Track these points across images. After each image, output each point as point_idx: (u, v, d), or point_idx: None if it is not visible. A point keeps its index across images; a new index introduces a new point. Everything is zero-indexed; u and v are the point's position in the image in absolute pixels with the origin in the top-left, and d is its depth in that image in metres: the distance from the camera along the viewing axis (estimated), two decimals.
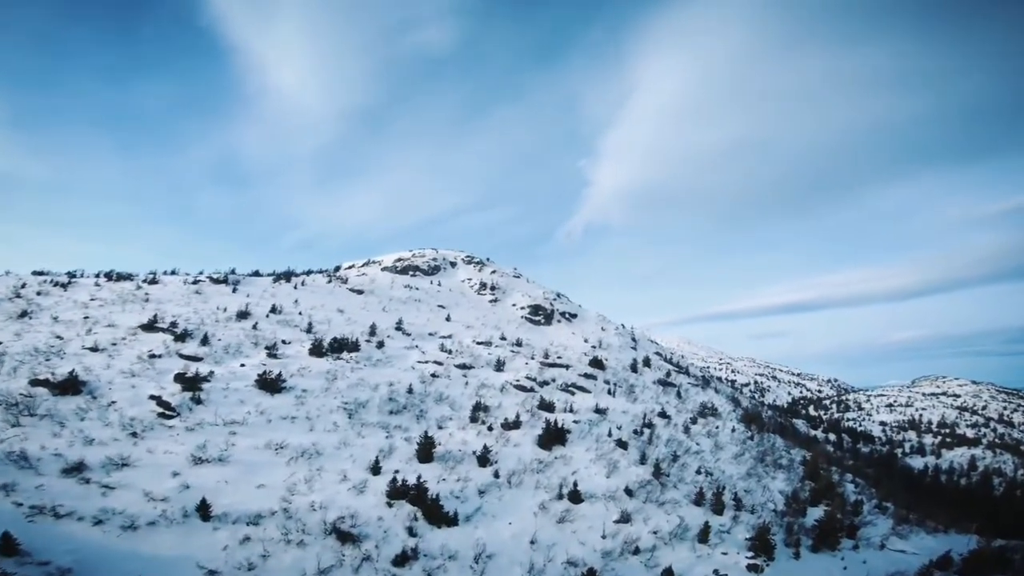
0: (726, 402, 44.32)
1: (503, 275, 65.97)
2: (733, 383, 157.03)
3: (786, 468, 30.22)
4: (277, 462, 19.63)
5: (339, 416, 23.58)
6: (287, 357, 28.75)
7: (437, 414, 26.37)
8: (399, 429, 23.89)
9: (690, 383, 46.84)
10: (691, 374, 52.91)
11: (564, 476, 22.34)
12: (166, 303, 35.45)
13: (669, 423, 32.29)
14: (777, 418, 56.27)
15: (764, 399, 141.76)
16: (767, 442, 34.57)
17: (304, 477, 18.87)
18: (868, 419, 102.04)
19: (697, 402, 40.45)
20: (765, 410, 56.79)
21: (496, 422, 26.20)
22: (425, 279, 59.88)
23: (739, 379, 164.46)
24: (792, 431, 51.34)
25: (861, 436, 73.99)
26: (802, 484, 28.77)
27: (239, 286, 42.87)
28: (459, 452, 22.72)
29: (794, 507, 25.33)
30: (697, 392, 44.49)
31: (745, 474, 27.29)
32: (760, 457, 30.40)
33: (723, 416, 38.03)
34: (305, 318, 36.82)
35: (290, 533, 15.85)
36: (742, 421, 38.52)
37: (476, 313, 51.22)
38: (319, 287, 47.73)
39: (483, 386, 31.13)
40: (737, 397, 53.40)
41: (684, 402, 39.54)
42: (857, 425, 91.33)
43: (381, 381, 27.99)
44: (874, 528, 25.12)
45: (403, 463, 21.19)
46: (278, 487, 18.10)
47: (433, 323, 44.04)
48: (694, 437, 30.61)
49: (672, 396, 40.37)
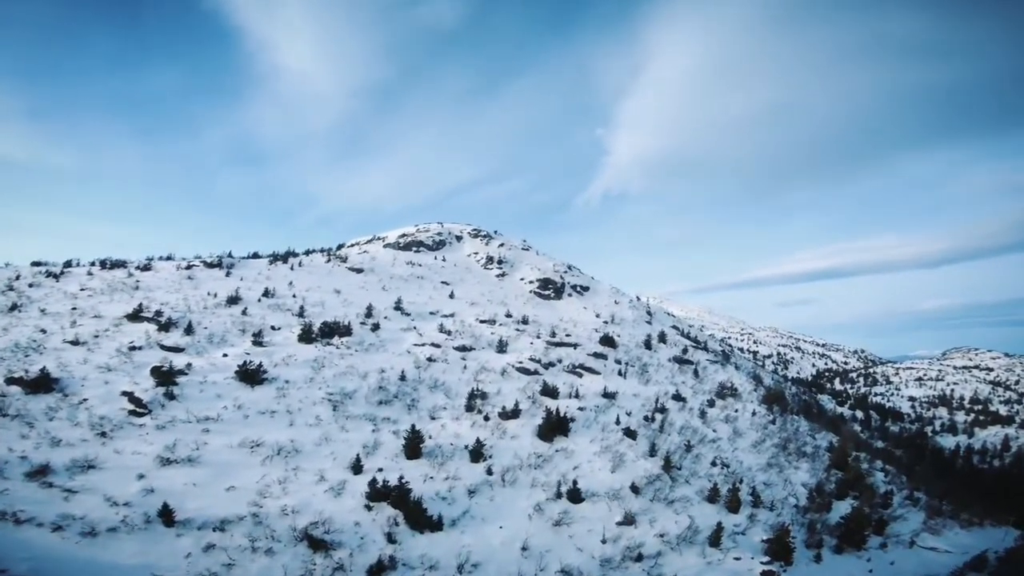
0: (747, 380, 41.87)
1: (511, 248, 63.56)
2: (755, 355, 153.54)
3: (810, 456, 27.95)
4: (251, 462, 18.27)
5: (323, 409, 22.09)
6: (274, 345, 27.33)
7: (430, 403, 24.73)
8: (387, 422, 22.33)
9: (708, 360, 44.41)
10: (710, 349, 50.38)
11: (564, 472, 20.56)
12: (156, 290, 34.32)
13: (684, 407, 30.18)
14: (801, 395, 53.66)
15: (787, 371, 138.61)
16: (790, 426, 32.24)
17: (278, 478, 17.47)
18: (897, 394, 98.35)
19: (715, 381, 38.13)
20: (788, 387, 54.13)
21: (494, 411, 24.46)
22: (429, 255, 57.89)
23: (761, 350, 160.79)
24: (818, 410, 48.81)
25: (890, 413, 70.69)
26: (828, 474, 26.55)
27: (233, 269, 41.60)
28: (450, 446, 21.09)
29: (818, 502, 23.20)
30: (716, 370, 42.10)
31: (765, 465, 25.15)
32: (782, 444, 28.16)
33: (743, 397, 35.70)
34: (298, 301, 35.36)
35: (258, 540, 14.56)
36: (764, 402, 36.15)
37: (482, 289, 49.23)
38: (317, 267, 46.21)
39: (483, 370, 29.36)
40: (759, 373, 50.75)
41: (701, 382, 37.27)
42: (885, 401, 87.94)
43: (372, 368, 26.41)
44: (904, 523, 22.92)
45: (388, 460, 19.66)
46: (249, 489, 16.76)
47: (435, 301, 42.26)
48: (710, 423, 28.46)
49: (688, 375, 38.13)
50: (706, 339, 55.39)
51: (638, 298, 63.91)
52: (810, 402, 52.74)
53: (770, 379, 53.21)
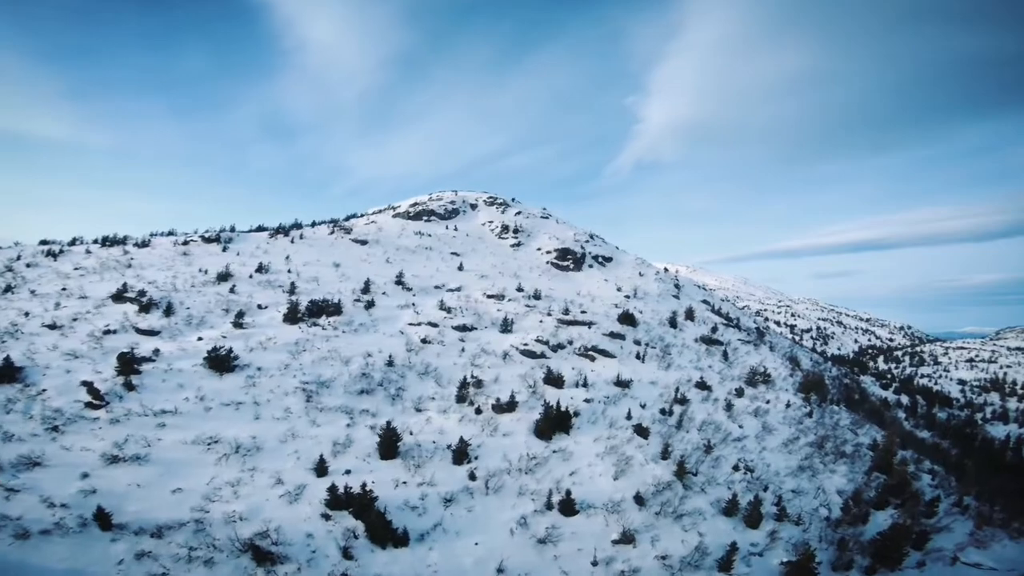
0: (782, 364, 37.96)
1: (529, 216, 60.01)
2: (792, 328, 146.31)
3: (850, 457, 24.39)
4: (204, 461, 16.44)
5: (294, 400, 20.05)
6: (255, 326, 25.45)
7: (418, 393, 22.41)
8: (365, 415, 20.14)
9: (740, 339, 40.55)
10: (742, 327, 46.25)
11: (559, 478, 17.96)
12: (148, 268, 33.00)
13: (708, 397, 26.93)
14: (843, 378, 49.01)
15: (827, 347, 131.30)
16: (829, 420, 28.56)
17: (231, 479, 15.58)
18: (945, 376, 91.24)
19: (747, 365, 34.48)
20: (828, 368, 49.55)
21: (488, 402, 21.94)
22: (440, 224, 55.12)
23: (799, 324, 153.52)
24: (861, 396, 44.35)
25: (938, 398, 64.72)
26: (868, 478, 23.01)
27: (231, 244, 40.05)
28: (432, 445, 18.76)
29: (854, 512, 19.87)
30: (748, 351, 38.32)
31: (796, 468, 21.86)
32: (819, 443, 24.66)
33: (777, 384, 32.05)
34: (292, 277, 33.46)
35: (197, 549, 12.81)
36: (800, 391, 32.42)
37: (494, 260, 46.35)
38: (319, 240, 44.22)
39: (482, 353, 26.79)
40: (796, 355, 46.41)
41: (730, 366, 33.72)
42: (933, 383, 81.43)
43: (357, 352, 24.21)
44: (949, 535, 19.41)
45: (359, 460, 17.51)
46: (197, 492, 14.95)
47: (442, 274, 39.73)
48: (737, 417, 25.18)
49: (716, 358, 34.60)
50: (738, 315, 51.11)
51: (665, 269, 59.75)
52: (852, 386, 48.12)
53: (808, 360, 48.84)
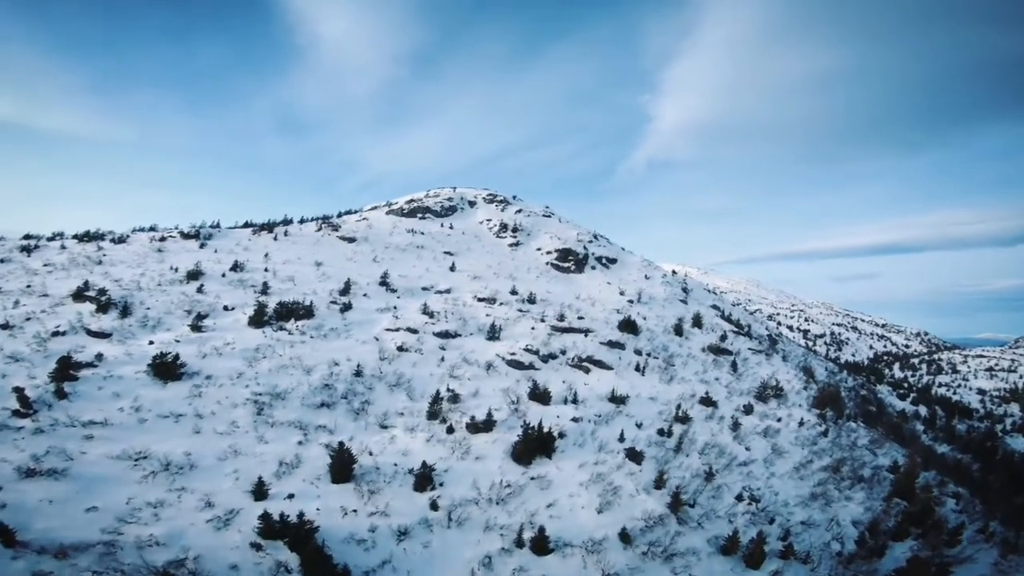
0: (795, 375, 35.25)
1: (530, 214, 57.64)
2: (805, 334, 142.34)
3: (868, 482, 21.73)
4: (129, 477, 14.37)
5: (243, 412, 17.97)
6: (215, 329, 23.46)
7: (385, 407, 20.20)
8: (322, 431, 17.99)
9: (751, 349, 37.85)
10: (754, 335, 43.47)
11: (535, 510, 15.64)
12: (118, 265, 31.25)
13: (713, 415, 24.43)
14: (859, 390, 45.97)
15: (840, 353, 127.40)
16: (846, 438, 25.91)
17: (154, 499, 13.50)
18: (964, 385, 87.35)
19: (757, 378, 31.89)
20: (844, 379, 46.50)
21: (462, 420, 19.69)
22: (435, 222, 52.98)
23: (813, 329, 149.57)
24: (878, 408, 41.41)
25: (957, 409, 61.16)
26: (887, 505, 20.38)
27: (210, 240, 38.29)
28: (392, 468, 16.55)
29: (869, 545, 17.32)
30: (759, 362, 35.67)
31: (808, 496, 19.30)
32: (834, 467, 22.05)
33: (789, 399, 29.44)
34: (268, 276, 31.55)
35: (102, 574, 10.80)
36: (815, 406, 29.79)
37: (490, 260, 44.09)
38: (304, 237, 42.32)
39: (463, 363, 24.54)
40: (811, 364, 43.53)
41: (740, 378, 31.13)
42: (952, 393, 77.70)
43: (322, 360, 22.11)
44: (972, 567, 16.80)
45: (307, 483, 15.36)
46: (113, 511, 12.86)
47: (432, 274, 37.58)
48: (744, 438, 22.66)
49: (725, 370, 32.00)
50: (749, 322, 48.27)
51: (673, 272, 57.03)
52: (868, 398, 45.13)
53: (823, 370, 45.81)
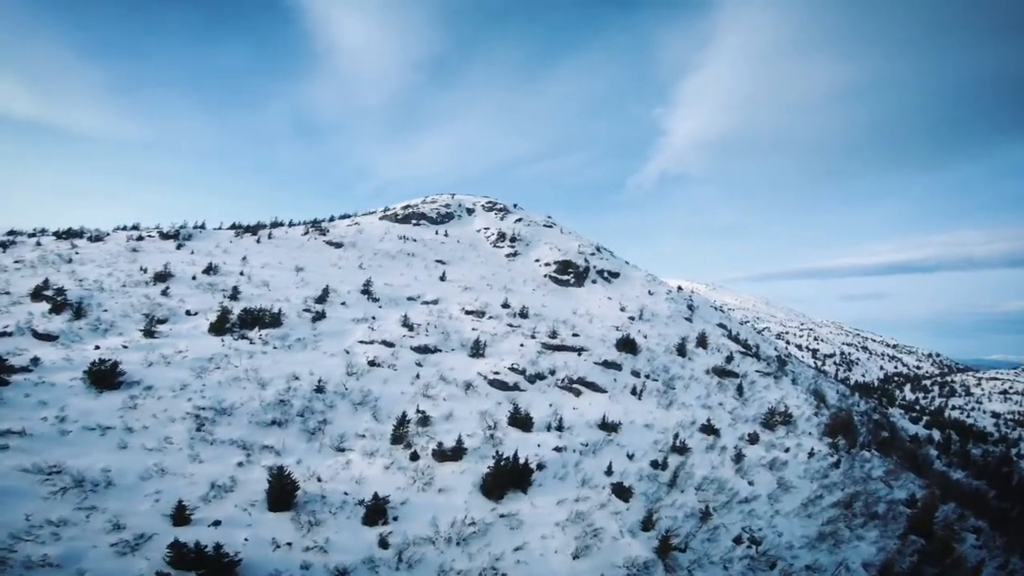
0: (805, 400, 32.64)
1: (530, 224, 55.47)
2: (815, 353, 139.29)
3: (883, 518, 19.09)
4: (36, 493, 12.05)
5: (180, 428, 15.64)
6: (171, 336, 21.24)
7: (345, 428, 17.83)
8: (268, 452, 15.63)
9: (759, 371, 35.28)
10: (762, 356, 40.88)
11: (499, 553, 13.15)
12: (88, 264, 29.28)
13: (714, 444, 21.92)
14: (871, 413, 43.17)
15: (850, 373, 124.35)
16: (859, 469, 23.30)
17: (59, 517, 11.18)
18: (978, 408, 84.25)
19: (765, 403, 29.33)
20: (856, 402, 43.67)
21: (429, 446, 17.29)
22: (430, 229, 50.91)
23: (822, 348, 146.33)
24: (891, 434, 38.56)
25: (971, 433, 58.17)
26: (903, 544, 17.78)
27: (189, 241, 36.41)
28: (342, 497, 14.15)
29: None
30: (767, 385, 33.08)
31: (815, 537, 16.69)
32: (846, 502, 19.43)
33: (799, 426, 26.87)
34: (242, 280, 29.42)
35: None
36: (826, 434, 27.22)
37: (484, 270, 41.83)
38: (289, 240, 40.30)
39: (441, 381, 22.17)
40: (821, 388, 40.86)
41: (745, 404, 28.59)
42: (965, 415, 74.73)
43: (282, 373, 19.80)
44: None
45: (240, 510, 12.97)
46: (10, 528, 10.63)
47: (420, 283, 35.35)
48: (747, 470, 20.10)
49: (729, 394, 29.47)
50: (758, 342, 45.64)
51: (679, 288, 54.51)
52: (882, 423, 42.34)
53: (834, 393, 42.99)
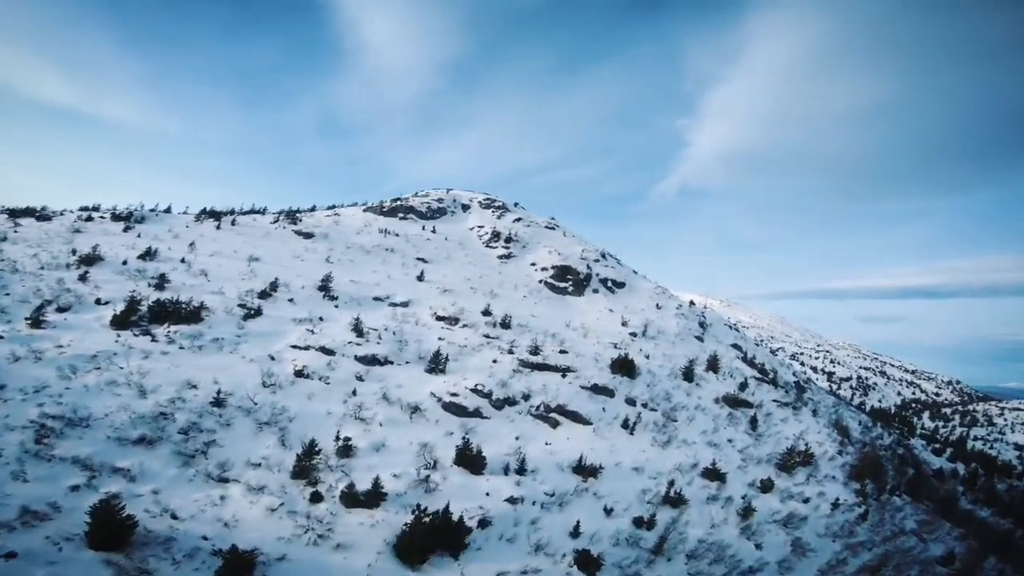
0: (828, 435, 27.97)
1: (530, 224, 51.40)
2: (830, 376, 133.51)
3: None
4: None
5: (15, 438, 11.44)
6: (62, 327, 17.39)
7: (237, 453, 13.80)
8: (119, 476, 11.63)
9: (775, 400, 30.60)
10: (780, 383, 36.08)
11: None
12: (19, 243, 25.92)
13: (718, 495, 17.54)
14: (896, 447, 38.00)
15: (866, 398, 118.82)
16: (890, 521, 18.85)
17: None
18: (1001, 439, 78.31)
19: (782, 439, 24.87)
20: (880, 435, 38.48)
21: (339, 486, 13.23)
22: (417, 224, 47.09)
23: (838, 371, 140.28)
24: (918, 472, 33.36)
25: (996, 467, 52.66)
26: None
27: (143, 224, 33.15)
28: (195, 542, 10.07)
29: None
30: (784, 418, 28.48)
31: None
32: (875, 567, 15.06)
33: (820, 468, 22.43)
34: (179, 268, 25.82)
35: None
36: (851, 477, 22.76)
37: (471, 272, 37.83)
38: (254, 228, 36.75)
39: (382, 401, 18.07)
40: (843, 419, 35.95)
41: (760, 440, 24.14)
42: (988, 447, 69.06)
43: (176, 379, 15.87)
44: None
45: (50, 543, 8.94)
46: None
47: (393, 283, 31.46)
48: (757, 530, 15.71)
49: (741, 428, 25.01)
50: (774, 367, 40.83)
51: (691, 303, 49.06)
52: (907, 457, 37.23)
53: (857, 424, 37.81)
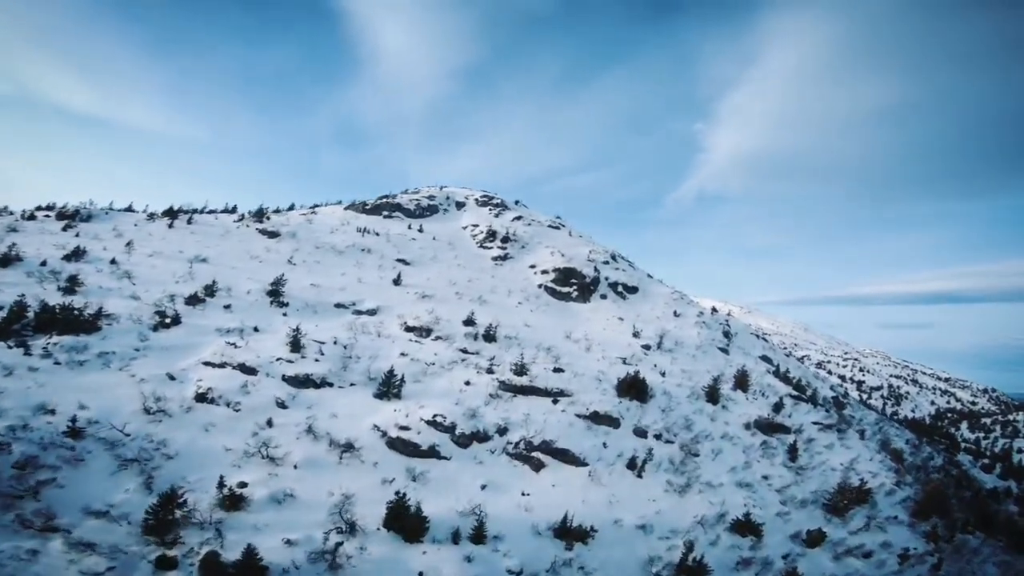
0: (880, 462, 22.96)
1: (531, 223, 46.94)
2: (860, 385, 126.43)
3: None
4: None
5: None
6: None
7: (77, 496, 9.61)
8: None
9: (817, 423, 25.65)
10: (819, 400, 30.89)
11: None
12: None
13: (754, 556, 12.91)
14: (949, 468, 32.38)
15: (898, 408, 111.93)
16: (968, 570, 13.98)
17: None
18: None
19: (828, 471, 20.08)
20: (930, 454, 32.85)
21: (203, 550, 8.94)
22: (403, 223, 42.88)
23: (868, 380, 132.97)
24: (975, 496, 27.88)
25: None
26: None
27: (88, 223, 29.90)
28: None
29: None
30: (829, 444, 23.57)
31: None
32: None
33: (878, 506, 17.64)
34: (103, 270, 22.01)
35: None
36: (915, 515, 17.86)
37: (459, 275, 33.51)
38: (212, 227, 32.89)
39: (306, 436, 13.81)
40: (889, 437, 30.65)
41: (802, 475, 19.37)
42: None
43: (30, 402, 11.69)
44: None
45: None
46: None
47: (363, 287, 27.26)
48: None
49: (778, 460, 20.26)
50: (810, 381, 35.58)
51: (714, 309, 42.84)
52: (961, 478, 31.64)
53: (904, 443, 32.29)
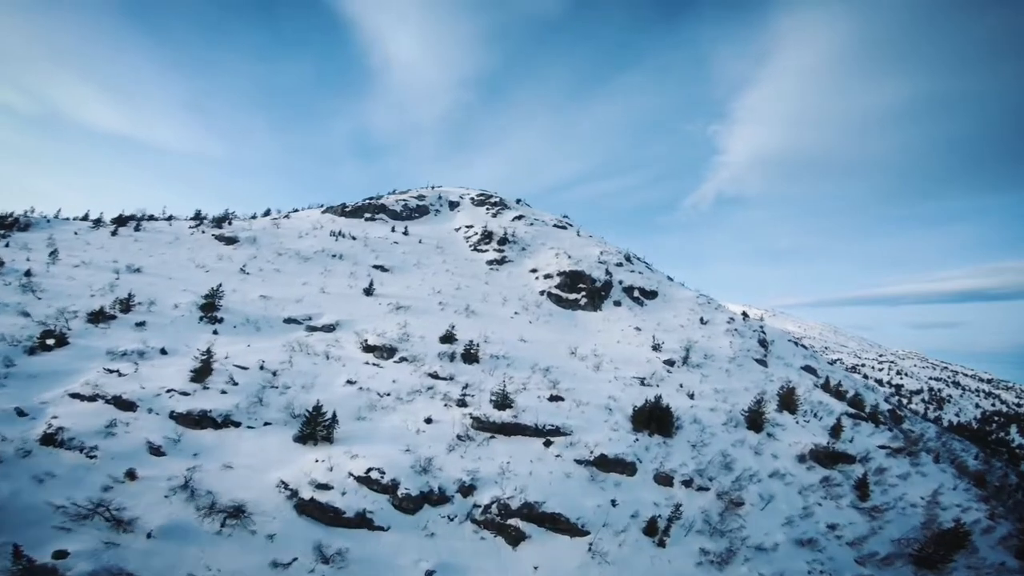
0: (964, 490, 17.92)
1: (533, 223, 42.69)
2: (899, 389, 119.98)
3: None
4: None
5: None
6: None
7: None
8: None
9: (884, 448, 20.62)
10: (882, 419, 25.53)
11: None
12: None
13: None
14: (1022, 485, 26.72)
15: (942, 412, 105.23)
16: None
17: None
18: None
19: (908, 509, 15.33)
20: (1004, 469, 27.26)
21: None
22: (387, 225, 38.98)
23: (907, 384, 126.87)
24: None
25: None
26: None
27: (25, 232, 27.50)
28: None
29: None
30: (904, 474, 18.70)
31: None
32: None
33: (980, 551, 12.70)
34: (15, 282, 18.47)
35: None
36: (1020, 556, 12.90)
37: (446, 282, 29.32)
38: (163, 234, 29.53)
39: (179, 493, 9.70)
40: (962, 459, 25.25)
41: (876, 520, 14.63)
42: None
43: None
44: None
45: None
46: None
47: (326, 298, 23.28)
48: None
49: (846, 502, 15.50)
50: (866, 395, 30.21)
51: (744, 315, 37.40)
52: None
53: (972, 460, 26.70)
